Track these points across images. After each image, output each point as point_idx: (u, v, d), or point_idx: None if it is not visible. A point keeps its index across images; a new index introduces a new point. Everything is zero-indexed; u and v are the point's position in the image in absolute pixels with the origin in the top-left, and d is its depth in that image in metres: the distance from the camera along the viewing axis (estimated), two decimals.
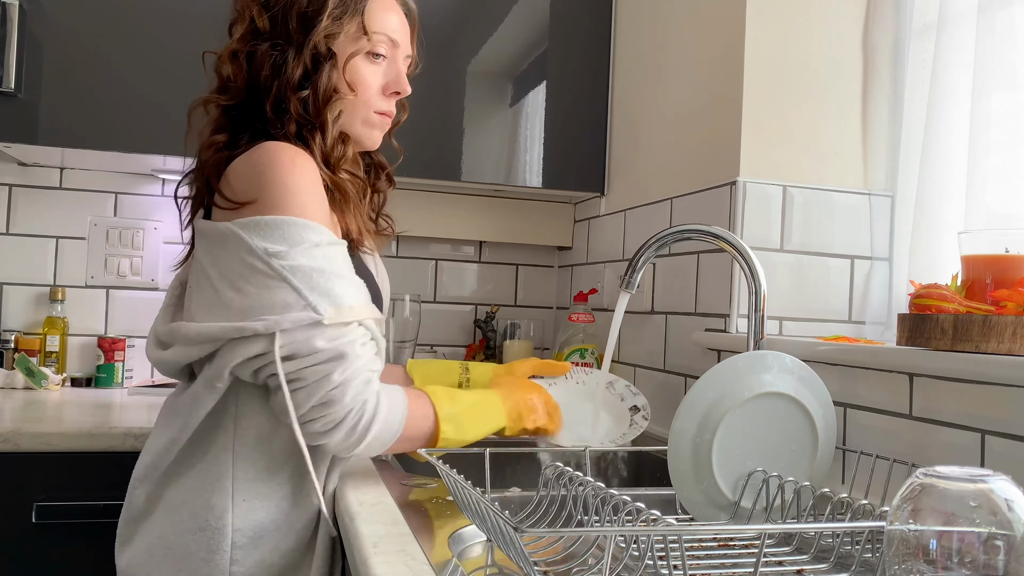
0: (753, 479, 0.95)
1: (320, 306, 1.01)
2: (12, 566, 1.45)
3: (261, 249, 1.02)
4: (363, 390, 1.04)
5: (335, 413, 1.02)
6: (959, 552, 0.52)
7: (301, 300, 1.01)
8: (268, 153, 1.08)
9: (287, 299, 1.02)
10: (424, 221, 2.23)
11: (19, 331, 2.05)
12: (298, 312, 1.01)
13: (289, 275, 1.02)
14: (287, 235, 1.03)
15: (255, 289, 1.02)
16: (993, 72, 1.29)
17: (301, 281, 1.02)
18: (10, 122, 1.77)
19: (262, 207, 1.06)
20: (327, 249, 1.06)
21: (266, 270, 1.02)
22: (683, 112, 1.73)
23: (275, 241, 1.03)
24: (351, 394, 1.02)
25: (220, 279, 1.06)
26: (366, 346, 1.07)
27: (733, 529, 0.94)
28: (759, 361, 1.00)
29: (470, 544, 0.93)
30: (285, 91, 1.13)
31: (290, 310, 1.01)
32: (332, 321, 1.02)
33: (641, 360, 1.84)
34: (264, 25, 1.14)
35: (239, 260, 1.04)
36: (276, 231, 1.03)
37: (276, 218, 1.04)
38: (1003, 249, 1.06)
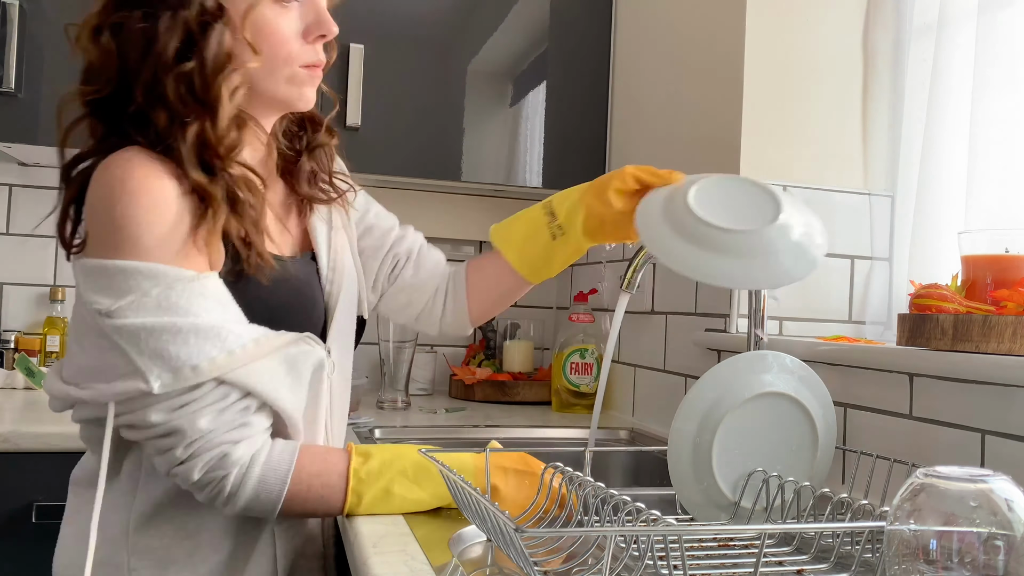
0: (753, 479, 0.95)
1: (151, 373, 0.87)
2: (12, 566, 1.45)
3: (91, 304, 0.89)
4: (217, 465, 0.90)
5: (190, 486, 0.92)
6: (959, 552, 0.52)
7: (130, 365, 0.87)
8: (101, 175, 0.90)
9: (116, 364, 0.89)
10: (424, 221, 2.22)
11: (19, 331, 2.05)
12: (127, 382, 0.88)
13: (116, 337, 0.88)
14: (114, 285, 0.88)
15: (92, 349, 0.92)
16: (993, 72, 1.29)
17: (129, 343, 0.87)
18: (10, 122, 1.77)
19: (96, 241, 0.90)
20: (167, 298, 0.88)
21: (96, 328, 0.90)
22: (683, 112, 1.73)
23: (104, 294, 0.88)
24: (199, 472, 0.90)
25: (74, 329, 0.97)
26: (224, 412, 0.90)
27: (733, 529, 0.94)
28: (759, 361, 1.00)
29: (470, 544, 0.93)
30: (158, 69, 0.89)
31: (118, 378, 0.89)
32: (165, 390, 0.87)
33: (641, 360, 1.84)
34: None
35: (78, 312, 0.95)
36: (104, 280, 0.88)
37: (104, 264, 0.88)
38: (1003, 249, 1.06)
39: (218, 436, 0.90)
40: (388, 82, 1.95)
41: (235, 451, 0.91)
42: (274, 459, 0.93)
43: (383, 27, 1.97)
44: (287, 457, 0.94)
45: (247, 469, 0.92)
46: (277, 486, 0.93)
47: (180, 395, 0.88)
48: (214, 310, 0.90)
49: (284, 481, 0.93)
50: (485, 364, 2.22)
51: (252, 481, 0.92)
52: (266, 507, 0.94)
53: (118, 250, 0.88)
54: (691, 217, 0.92)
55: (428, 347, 2.25)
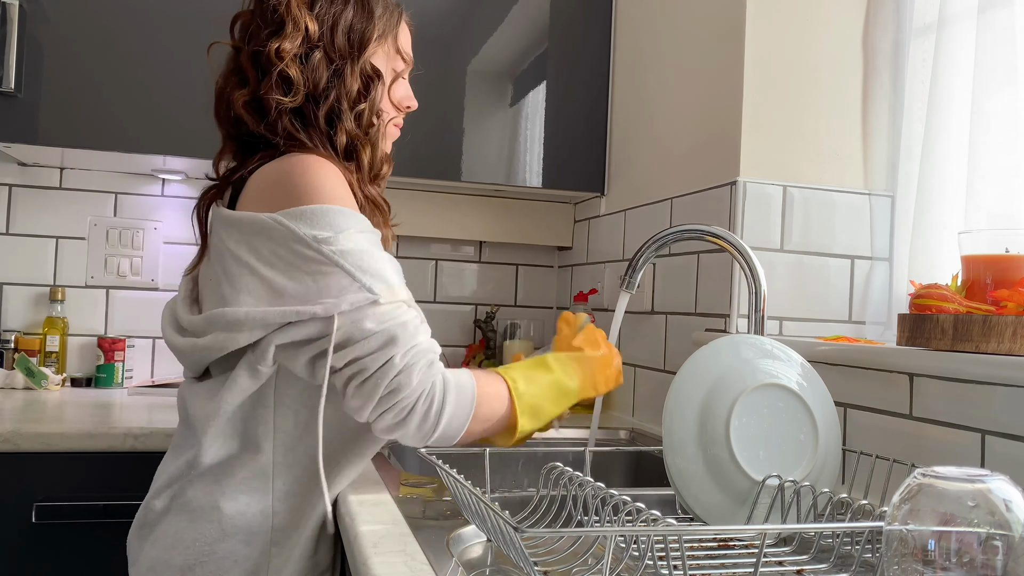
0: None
1: (375, 287, 1.02)
2: (12, 566, 1.45)
3: (310, 236, 1.02)
4: (427, 373, 1.02)
5: (405, 400, 1.00)
6: (957, 552, 0.52)
7: (355, 283, 1.02)
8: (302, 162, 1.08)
9: (342, 283, 1.01)
10: (424, 221, 2.23)
11: (19, 331, 2.06)
12: (354, 294, 1.01)
13: (340, 259, 1.02)
14: (332, 222, 1.03)
15: (308, 276, 1.02)
16: (993, 72, 1.29)
17: (353, 264, 1.02)
18: (10, 122, 1.77)
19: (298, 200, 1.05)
20: (371, 235, 1.07)
21: (317, 256, 1.02)
22: (683, 112, 1.73)
23: (322, 228, 1.03)
24: (416, 378, 1.01)
25: (266, 267, 1.04)
26: (420, 328, 1.06)
27: (733, 529, 0.94)
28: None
29: (470, 544, 0.93)
30: (342, 103, 1.14)
31: (346, 293, 1.01)
32: (387, 300, 1.02)
33: (641, 360, 1.84)
34: (315, 31, 1.14)
35: (287, 248, 1.03)
36: (322, 218, 1.03)
37: (320, 207, 1.04)
38: (1003, 249, 1.06)
39: (426, 346, 1.04)
40: None
41: (438, 361, 1.05)
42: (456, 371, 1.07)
43: None
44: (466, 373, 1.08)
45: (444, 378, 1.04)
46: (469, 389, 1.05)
47: (388, 309, 1.03)
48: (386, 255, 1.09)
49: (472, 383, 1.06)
50: (485, 364, 2.22)
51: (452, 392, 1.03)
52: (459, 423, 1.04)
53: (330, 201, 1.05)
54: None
55: None
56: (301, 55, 1.13)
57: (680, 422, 0.96)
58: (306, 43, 1.13)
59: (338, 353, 1.01)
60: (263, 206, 1.07)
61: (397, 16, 1.24)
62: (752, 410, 0.95)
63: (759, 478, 0.94)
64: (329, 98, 1.14)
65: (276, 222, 1.03)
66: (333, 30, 1.15)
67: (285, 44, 1.11)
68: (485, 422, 1.07)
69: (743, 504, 0.95)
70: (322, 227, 1.03)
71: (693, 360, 1.00)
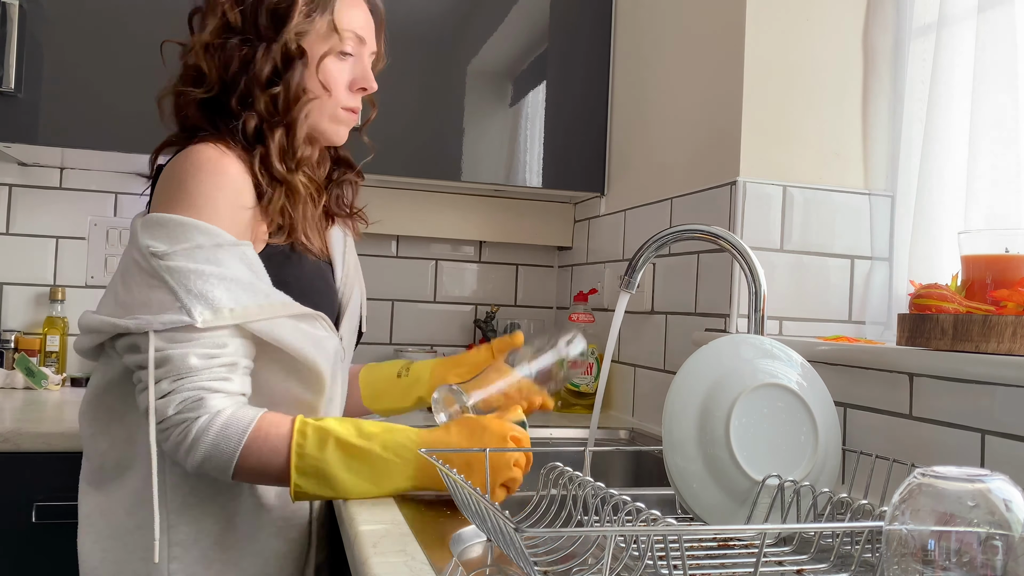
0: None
1: (195, 309, 1.00)
2: (12, 566, 1.45)
3: (145, 247, 1.03)
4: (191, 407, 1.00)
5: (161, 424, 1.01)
6: (957, 552, 0.52)
7: (176, 302, 1.00)
8: (187, 157, 1.09)
9: (163, 300, 1.01)
10: (424, 221, 2.23)
11: (19, 331, 2.05)
12: (172, 314, 1.00)
13: (166, 275, 1.01)
14: (172, 234, 1.03)
15: (137, 287, 1.03)
16: (993, 72, 1.29)
17: (177, 282, 1.01)
18: (10, 122, 1.77)
19: (162, 204, 1.07)
20: (215, 252, 1.03)
21: (148, 268, 1.02)
22: (683, 112, 1.73)
23: (160, 240, 1.03)
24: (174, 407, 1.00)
25: (117, 271, 1.08)
26: (213, 360, 1.01)
27: (733, 529, 0.94)
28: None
29: (470, 544, 0.93)
30: (252, 87, 1.13)
31: (165, 311, 1.00)
32: (208, 325, 1.00)
33: (641, 360, 1.84)
34: (236, 19, 1.14)
35: (130, 256, 1.06)
36: (162, 230, 1.03)
37: (166, 216, 1.04)
38: (1003, 249, 1.06)
39: (200, 380, 1.00)
40: (388, 82, 1.95)
41: (211, 399, 1.01)
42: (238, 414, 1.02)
43: None
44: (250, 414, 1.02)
45: (213, 418, 1.00)
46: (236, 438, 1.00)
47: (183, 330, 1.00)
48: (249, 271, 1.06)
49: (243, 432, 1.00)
50: None
51: (215, 428, 0.99)
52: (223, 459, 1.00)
53: (184, 209, 1.05)
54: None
55: (428, 347, 2.25)
56: (218, 45, 1.13)
57: (680, 422, 0.96)
58: (225, 33, 1.13)
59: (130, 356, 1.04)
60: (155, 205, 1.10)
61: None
62: (752, 410, 0.95)
63: (759, 478, 0.94)
64: (239, 85, 1.13)
65: (134, 228, 1.06)
66: (256, 13, 1.14)
67: (204, 36, 1.14)
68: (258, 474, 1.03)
69: (743, 504, 0.95)
70: (160, 239, 1.03)
71: (693, 360, 1.00)
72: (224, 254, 1.04)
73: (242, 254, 1.06)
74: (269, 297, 1.06)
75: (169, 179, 1.09)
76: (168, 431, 1.01)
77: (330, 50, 1.17)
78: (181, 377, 1.00)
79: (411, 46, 2.00)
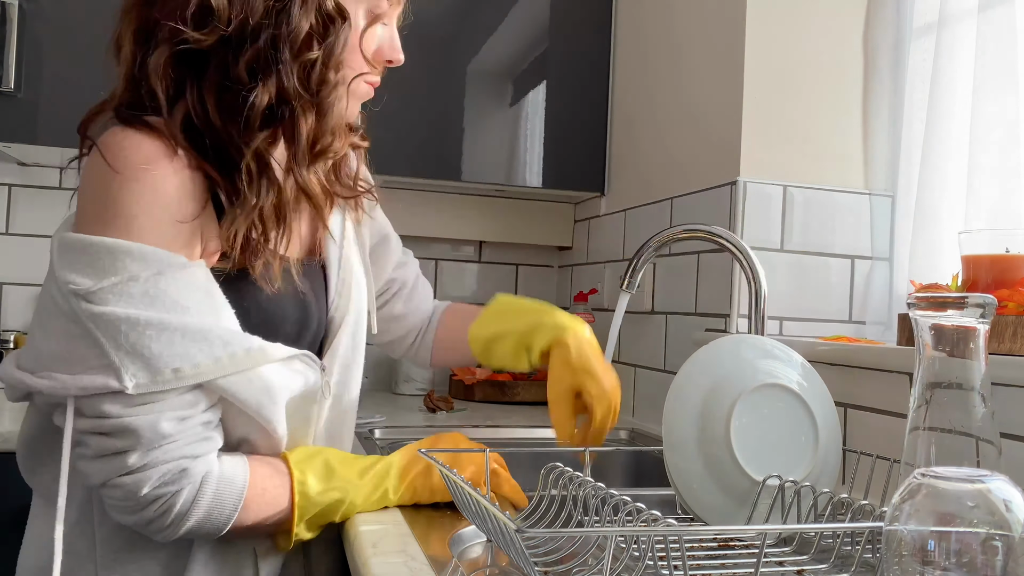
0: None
1: (126, 370, 0.78)
2: (11, 566, 1.45)
3: (67, 284, 0.79)
4: (172, 480, 0.82)
5: (132, 501, 0.82)
6: (957, 553, 0.52)
7: (103, 358, 0.78)
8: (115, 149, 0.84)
9: (86, 356, 0.79)
10: (424, 221, 2.23)
11: (19, 331, 2.05)
12: (94, 376, 0.78)
13: (92, 324, 0.78)
14: (97, 264, 0.80)
15: (56, 333, 0.81)
16: (993, 72, 1.29)
17: (105, 334, 0.78)
18: (10, 122, 1.77)
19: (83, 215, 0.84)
20: (155, 283, 0.80)
21: (67, 311, 0.80)
22: (683, 112, 1.73)
23: (83, 273, 0.79)
24: (150, 485, 0.81)
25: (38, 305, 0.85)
26: (187, 421, 0.82)
27: (733, 529, 0.94)
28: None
29: (470, 544, 0.93)
30: (280, 48, 0.84)
31: (86, 371, 0.79)
32: (140, 391, 0.78)
33: (641, 360, 1.84)
34: None
35: (47, 290, 0.83)
36: (84, 257, 0.80)
37: (88, 239, 0.80)
38: (1003, 249, 1.06)
39: (179, 448, 0.82)
40: (388, 82, 1.95)
41: (194, 466, 0.83)
42: (227, 475, 0.86)
43: None
44: (240, 472, 0.87)
45: (200, 487, 0.83)
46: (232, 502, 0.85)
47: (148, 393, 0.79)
48: (204, 306, 0.83)
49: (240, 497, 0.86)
50: None
51: (206, 498, 0.84)
52: (216, 526, 0.86)
53: (112, 225, 0.81)
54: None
55: None
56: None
57: (680, 422, 0.96)
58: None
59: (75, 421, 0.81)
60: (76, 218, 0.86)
61: None
62: (752, 410, 0.95)
63: (759, 478, 0.94)
64: (259, 40, 0.83)
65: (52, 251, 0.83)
66: None
67: None
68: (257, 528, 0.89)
69: (743, 504, 0.95)
70: (83, 271, 0.79)
71: (693, 360, 1.00)
72: (168, 285, 0.81)
73: (192, 281, 0.83)
74: (229, 346, 0.83)
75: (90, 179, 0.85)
76: (142, 509, 0.82)
77: (377, 14, 0.94)
78: (154, 447, 0.80)
79: (411, 46, 1.99)
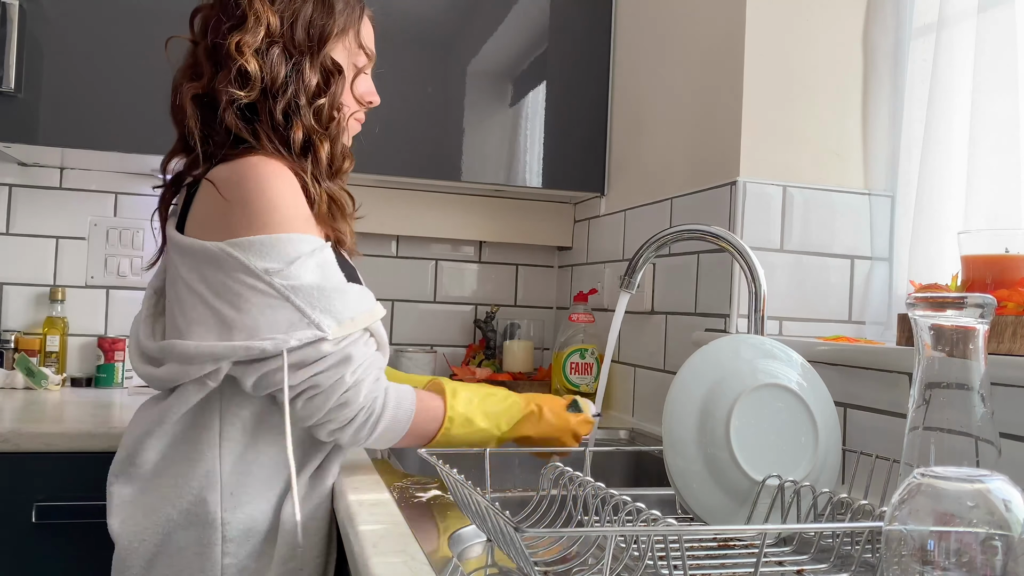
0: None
1: (323, 323, 1.05)
2: (12, 566, 1.45)
3: (261, 269, 1.04)
4: (373, 388, 1.09)
5: (348, 413, 1.07)
6: (957, 552, 0.52)
7: (304, 319, 1.05)
8: (254, 170, 1.09)
9: (291, 318, 1.04)
10: (424, 221, 2.23)
11: (19, 331, 2.05)
12: (303, 330, 1.04)
13: (291, 294, 1.05)
14: (283, 252, 1.06)
15: (257, 309, 1.04)
16: (993, 72, 1.29)
17: (303, 300, 1.05)
18: (10, 122, 1.77)
19: (248, 224, 1.07)
20: (320, 257, 1.09)
21: (267, 290, 1.04)
22: (683, 112, 1.73)
23: (271, 260, 1.05)
24: (364, 393, 1.08)
25: (216, 298, 1.06)
26: (368, 344, 1.11)
27: (733, 529, 0.94)
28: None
29: (470, 544, 0.93)
30: (300, 97, 1.14)
31: (295, 329, 1.04)
32: (335, 336, 1.05)
33: (641, 360, 1.84)
34: (275, 26, 1.14)
35: (236, 280, 1.05)
36: (271, 249, 1.05)
37: (269, 237, 1.06)
38: (1003, 249, 1.06)
39: (373, 365, 1.10)
40: (388, 82, 1.95)
41: (382, 376, 1.12)
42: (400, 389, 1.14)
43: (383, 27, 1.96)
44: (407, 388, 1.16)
45: (386, 394, 1.11)
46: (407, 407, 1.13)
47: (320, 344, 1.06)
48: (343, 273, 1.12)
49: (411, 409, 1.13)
50: (485, 364, 2.22)
51: (391, 403, 1.11)
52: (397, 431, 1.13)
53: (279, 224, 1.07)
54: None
55: (428, 347, 2.26)
56: (261, 50, 1.12)
57: (680, 422, 0.96)
58: (267, 38, 1.13)
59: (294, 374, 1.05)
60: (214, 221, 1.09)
61: (359, 11, 1.24)
62: (752, 410, 0.95)
63: (759, 478, 0.94)
64: (287, 93, 1.13)
65: (225, 253, 1.05)
66: (293, 25, 1.15)
67: (247, 38, 1.11)
68: (416, 437, 1.16)
69: (743, 504, 0.95)
70: (272, 258, 1.05)
71: (693, 360, 1.00)
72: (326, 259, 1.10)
73: (332, 256, 1.11)
74: (373, 302, 1.13)
75: (240, 194, 1.08)
76: (354, 416, 1.08)
77: (359, 66, 1.24)
78: (360, 364, 1.07)
79: (411, 46, 2.00)
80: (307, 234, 1.09)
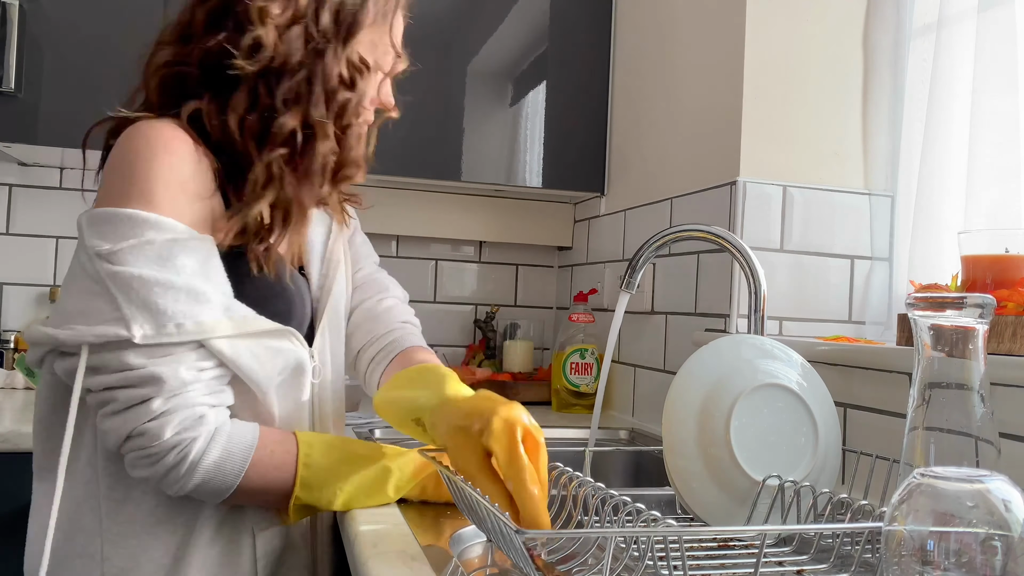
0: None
1: (134, 322, 0.86)
2: (11, 566, 1.45)
3: (92, 248, 0.90)
4: (191, 425, 0.88)
5: (152, 449, 0.88)
6: (956, 552, 0.52)
7: (115, 312, 0.87)
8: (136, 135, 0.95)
9: (102, 309, 0.88)
10: (424, 221, 2.23)
11: (19, 331, 2.05)
12: (106, 326, 0.87)
13: (110, 282, 0.88)
14: (117, 231, 0.90)
15: (77, 293, 0.91)
16: (993, 72, 1.29)
17: (119, 289, 0.88)
18: (10, 122, 1.77)
19: (105, 194, 0.95)
20: (169, 248, 0.90)
21: (93, 272, 0.90)
22: (683, 112, 1.73)
23: (104, 238, 0.90)
24: (172, 429, 0.87)
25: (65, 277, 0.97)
26: (202, 370, 0.90)
27: (733, 530, 0.94)
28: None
29: (470, 544, 0.93)
30: (315, 84, 0.99)
31: (100, 323, 0.87)
32: (146, 341, 0.87)
33: (641, 360, 1.84)
34: (304, 4, 1.00)
35: (77, 257, 0.94)
36: (108, 226, 0.90)
37: (112, 211, 0.91)
38: (1003, 249, 1.06)
39: (198, 395, 0.90)
40: None
41: (210, 415, 0.90)
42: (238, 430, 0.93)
43: None
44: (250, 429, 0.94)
45: (213, 436, 0.90)
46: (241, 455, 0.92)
47: (163, 345, 0.88)
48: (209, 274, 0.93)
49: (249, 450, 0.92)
50: (485, 364, 2.22)
51: (218, 448, 0.90)
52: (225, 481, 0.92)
53: (134, 199, 0.91)
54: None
55: None
56: (281, 25, 0.98)
57: (680, 422, 0.96)
58: (292, 14, 0.99)
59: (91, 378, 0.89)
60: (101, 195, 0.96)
61: (394, 3, 1.09)
62: (752, 410, 0.95)
63: (759, 478, 0.94)
64: (297, 75, 0.98)
65: (79, 225, 0.94)
66: (319, 7, 1.00)
67: (272, 8, 0.98)
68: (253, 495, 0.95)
69: (743, 504, 0.95)
70: (107, 236, 0.90)
71: (693, 360, 1.00)
72: (179, 251, 0.90)
73: (199, 251, 0.93)
74: (228, 311, 0.92)
75: (117, 163, 0.95)
76: (160, 455, 0.88)
77: (386, 69, 1.10)
78: (176, 394, 0.88)
79: (411, 46, 1.99)
80: (165, 217, 0.91)
